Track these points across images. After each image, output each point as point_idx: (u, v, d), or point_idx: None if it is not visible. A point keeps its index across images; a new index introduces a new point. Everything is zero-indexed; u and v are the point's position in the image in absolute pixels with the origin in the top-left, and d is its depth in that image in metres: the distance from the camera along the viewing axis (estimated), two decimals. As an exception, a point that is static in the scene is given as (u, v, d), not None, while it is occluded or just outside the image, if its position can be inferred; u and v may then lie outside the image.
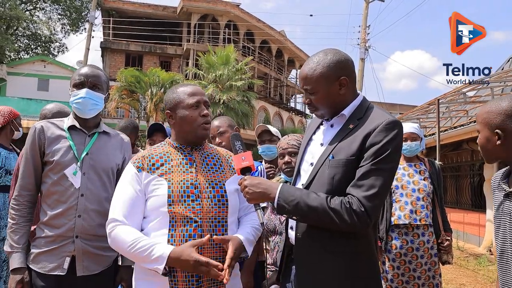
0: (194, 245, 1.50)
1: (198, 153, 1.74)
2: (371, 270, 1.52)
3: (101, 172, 1.95)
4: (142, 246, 1.50)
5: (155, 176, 1.63)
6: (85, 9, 29.86)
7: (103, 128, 2.06)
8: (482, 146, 1.52)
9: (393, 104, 30.56)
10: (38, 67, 23.93)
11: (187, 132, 1.70)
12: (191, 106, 1.68)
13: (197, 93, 1.72)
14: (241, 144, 1.64)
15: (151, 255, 1.48)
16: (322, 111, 1.61)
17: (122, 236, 1.55)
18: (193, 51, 25.40)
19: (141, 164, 1.66)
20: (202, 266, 1.45)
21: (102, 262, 1.93)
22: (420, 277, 2.98)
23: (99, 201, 1.92)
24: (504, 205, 1.49)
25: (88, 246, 1.88)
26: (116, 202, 1.63)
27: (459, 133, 9.73)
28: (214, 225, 1.60)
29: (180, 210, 1.57)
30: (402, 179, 3.12)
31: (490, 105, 1.50)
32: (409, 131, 3.14)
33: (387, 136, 1.43)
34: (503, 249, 1.46)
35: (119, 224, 1.58)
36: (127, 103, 20.49)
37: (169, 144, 1.76)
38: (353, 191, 1.41)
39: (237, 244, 1.56)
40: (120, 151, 2.08)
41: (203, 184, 1.64)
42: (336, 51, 1.59)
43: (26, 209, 1.91)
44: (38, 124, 1.96)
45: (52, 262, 1.85)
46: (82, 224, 1.87)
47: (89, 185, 1.91)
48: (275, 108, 30.18)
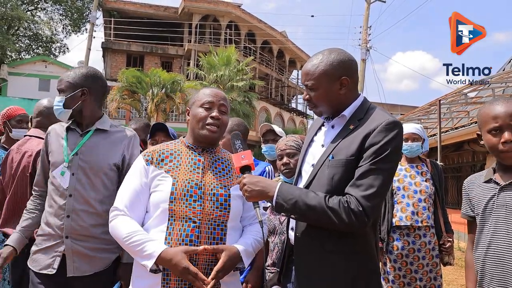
0: (187, 252, 1.50)
1: (208, 155, 1.74)
2: (370, 270, 1.52)
3: (90, 173, 1.93)
4: (136, 240, 1.51)
5: (162, 172, 1.64)
6: (86, 9, 29.98)
7: (99, 126, 2.02)
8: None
9: (394, 105, 30.52)
10: (39, 68, 24.00)
11: (194, 130, 1.72)
12: (203, 105, 1.71)
13: (214, 95, 1.73)
14: (241, 143, 1.63)
15: (143, 251, 1.49)
16: (320, 109, 1.61)
17: (120, 227, 1.57)
18: (195, 52, 25.44)
19: (150, 158, 1.68)
20: (190, 275, 1.47)
21: (95, 263, 1.89)
22: (422, 278, 2.98)
23: (87, 202, 1.90)
24: (498, 198, 1.55)
25: (79, 247, 1.87)
26: (121, 192, 1.67)
27: (460, 134, 9.72)
28: (212, 227, 1.59)
29: (180, 208, 1.57)
30: (404, 181, 3.11)
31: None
32: (410, 131, 3.14)
33: (386, 136, 1.43)
34: (492, 241, 1.54)
35: (120, 214, 1.61)
36: (128, 104, 20.51)
37: (182, 143, 1.77)
38: (351, 191, 1.41)
39: (229, 256, 1.55)
40: (119, 147, 2.01)
41: (207, 185, 1.64)
42: (341, 51, 1.59)
43: (35, 201, 2.09)
44: (51, 126, 2.11)
45: (44, 260, 1.89)
46: (71, 224, 1.87)
47: (77, 186, 1.90)
48: (276, 109, 30.20)
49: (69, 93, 1.98)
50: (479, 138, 1.67)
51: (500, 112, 1.53)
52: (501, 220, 1.52)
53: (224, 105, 1.74)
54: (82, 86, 2.00)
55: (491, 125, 1.55)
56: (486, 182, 1.64)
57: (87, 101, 2.02)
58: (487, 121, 1.58)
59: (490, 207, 1.57)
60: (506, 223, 1.51)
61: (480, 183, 1.67)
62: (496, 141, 1.54)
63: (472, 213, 1.69)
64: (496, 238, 1.53)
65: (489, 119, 1.56)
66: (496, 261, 1.52)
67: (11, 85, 23.14)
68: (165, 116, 20.07)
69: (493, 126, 1.55)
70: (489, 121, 1.56)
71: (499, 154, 1.55)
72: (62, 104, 1.98)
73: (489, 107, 1.59)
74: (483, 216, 1.60)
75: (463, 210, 1.76)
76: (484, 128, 1.60)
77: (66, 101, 1.98)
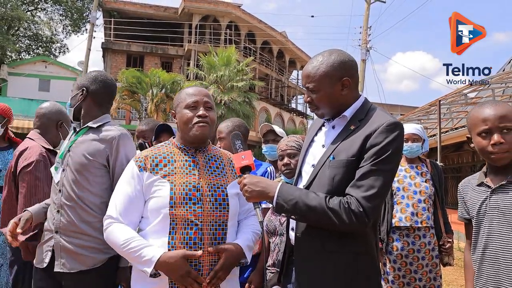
0: (186, 256, 1.51)
1: (201, 155, 1.74)
2: (370, 270, 1.52)
3: (73, 169, 1.94)
4: (134, 247, 1.52)
5: (158, 177, 1.63)
6: (86, 9, 29.98)
7: (90, 124, 2.03)
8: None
9: (394, 105, 30.53)
10: (39, 68, 23.99)
11: (184, 132, 1.71)
12: (188, 106, 1.69)
13: (197, 93, 1.72)
14: (241, 143, 1.63)
15: (142, 257, 1.50)
16: (322, 111, 1.61)
17: (115, 234, 1.58)
18: (195, 52, 25.42)
19: (143, 164, 1.66)
20: (190, 278, 1.49)
21: (83, 261, 1.87)
22: (421, 279, 2.98)
23: (72, 198, 1.91)
24: (490, 201, 1.56)
25: (67, 243, 1.88)
26: (114, 200, 1.66)
27: (460, 134, 9.73)
28: (214, 228, 1.60)
29: (181, 212, 1.57)
30: (403, 181, 3.11)
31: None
32: (411, 132, 3.14)
33: (387, 137, 1.43)
34: (487, 243, 1.55)
35: (114, 221, 1.61)
36: (128, 104, 20.50)
37: (173, 144, 1.76)
38: (352, 191, 1.41)
39: (229, 255, 1.57)
40: (103, 146, 1.96)
41: (205, 187, 1.64)
42: (341, 52, 1.59)
43: None
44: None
45: (40, 255, 1.96)
46: (60, 219, 1.92)
47: (64, 181, 1.95)
48: (276, 109, 30.18)
49: (74, 93, 2.13)
50: (469, 141, 1.68)
51: (489, 114, 1.54)
52: (495, 223, 1.54)
53: (209, 101, 1.73)
54: (83, 87, 2.10)
55: (480, 128, 1.56)
56: (478, 186, 1.65)
57: (86, 101, 2.08)
58: (476, 124, 1.59)
59: (483, 210, 1.59)
60: (499, 226, 1.52)
61: (474, 186, 1.68)
62: (485, 143, 1.55)
63: (468, 215, 1.71)
64: (491, 240, 1.54)
65: (479, 122, 1.57)
66: (492, 263, 1.53)
67: (11, 85, 23.12)
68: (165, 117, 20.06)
69: (482, 129, 1.56)
70: (479, 124, 1.57)
71: (489, 156, 1.56)
72: (69, 103, 2.14)
73: (478, 110, 1.61)
74: (478, 218, 1.61)
75: (459, 213, 1.78)
76: (473, 131, 1.61)
77: (71, 100, 2.13)
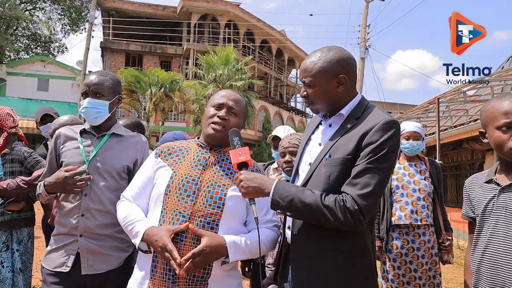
0: (170, 230, 1.51)
1: (215, 154, 1.74)
2: (367, 269, 1.52)
3: (105, 174, 2.00)
4: (130, 220, 1.62)
5: (165, 164, 1.71)
6: (85, 9, 29.92)
7: (114, 130, 2.12)
8: None
9: (393, 104, 30.56)
10: (38, 67, 23.96)
11: (203, 128, 1.79)
12: (214, 105, 1.75)
13: (226, 96, 1.76)
14: (239, 140, 1.63)
15: (133, 230, 1.59)
16: (317, 106, 1.61)
17: (120, 210, 1.71)
18: (193, 51, 25.43)
19: (159, 152, 1.77)
20: (167, 252, 1.47)
21: (109, 261, 1.95)
22: (421, 277, 2.97)
23: (102, 202, 1.97)
24: (498, 199, 1.50)
25: (93, 245, 1.93)
26: (131, 183, 1.79)
27: (459, 132, 9.73)
28: (202, 224, 1.56)
29: (172, 201, 1.59)
30: (402, 179, 3.10)
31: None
32: (412, 130, 3.13)
33: (383, 135, 1.42)
34: (489, 243, 1.50)
35: (124, 200, 1.73)
36: (127, 103, 20.52)
37: (195, 141, 1.82)
38: (347, 189, 1.41)
39: (210, 243, 1.49)
40: (132, 152, 2.11)
41: (205, 182, 1.63)
42: (340, 49, 1.59)
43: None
44: (58, 130, 2.15)
45: (58, 259, 1.95)
46: (85, 223, 1.94)
47: (93, 186, 1.97)
48: (275, 108, 30.21)
49: (110, 98, 2.08)
50: (482, 136, 1.59)
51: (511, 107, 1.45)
52: (501, 222, 1.47)
53: (234, 107, 1.74)
54: (118, 93, 2.14)
55: (501, 121, 1.46)
56: (487, 183, 1.58)
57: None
58: (496, 117, 1.48)
59: (490, 208, 1.52)
60: (506, 225, 1.46)
61: (481, 183, 1.60)
62: (506, 138, 1.46)
63: (472, 214, 1.64)
64: (493, 240, 1.49)
65: (499, 115, 1.47)
66: (492, 264, 1.48)
67: (10, 85, 23.12)
68: (164, 116, 20.08)
69: (503, 122, 1.45)
70: (499, 117, 1.47)
71: (508, 152, 1.46)
72: (107, 108, 2.06)
73: (498, 102, 1.50)
74: (483, 217, 1.55)
75: (463, 211, 1.71)
76: (491, 124, 1.51)
77: (110, 106, 2.07)
